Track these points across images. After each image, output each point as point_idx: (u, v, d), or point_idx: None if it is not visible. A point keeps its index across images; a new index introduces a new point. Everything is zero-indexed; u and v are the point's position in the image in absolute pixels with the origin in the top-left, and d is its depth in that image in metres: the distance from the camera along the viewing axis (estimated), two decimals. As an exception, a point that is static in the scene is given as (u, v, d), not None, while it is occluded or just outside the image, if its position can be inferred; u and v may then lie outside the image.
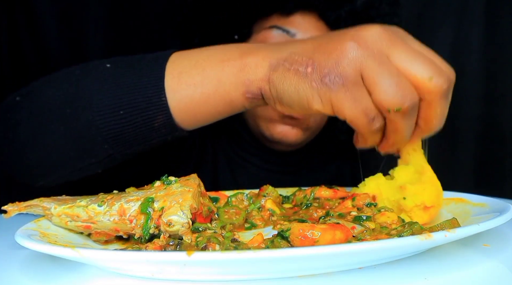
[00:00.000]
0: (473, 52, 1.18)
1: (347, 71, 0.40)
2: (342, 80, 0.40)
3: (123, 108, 0.48)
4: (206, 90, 0.48)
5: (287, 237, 0.35)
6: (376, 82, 0.40)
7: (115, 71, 0.51)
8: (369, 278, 0.32)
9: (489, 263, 0.35)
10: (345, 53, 0.41)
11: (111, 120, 0.49)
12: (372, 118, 0.41)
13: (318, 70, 0.41)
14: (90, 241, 0.41)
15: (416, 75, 0.40)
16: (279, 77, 0.44)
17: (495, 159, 1.20)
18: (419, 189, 0.45)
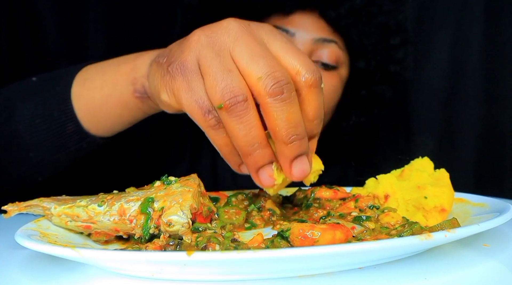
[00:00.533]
0: (473, 52, 1.18)
1: (186, 59, 0.39)
2: (182, 67, 0.39)
3: (39, 117, 0.53)
4: (105, 92, 0.51)
5: (287, 237, 0.35)
6: (206, 74, 0.38)
7: (37, 83, 0.56)
8: (369, 278, 0.32)
9: (489, 263, 0.35)
10: (190, 42, 0.40)
11: (31, 129, 0.53)
12: (207, 110, 0.38)
13: (168, 59, 0.41)
14: (90, 241, 0.41)
15: (249, 74, 0.37)
16: (151, 72, 0.45)
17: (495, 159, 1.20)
18: (438, 191, 0.45)
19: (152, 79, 0.43)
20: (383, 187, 0.48)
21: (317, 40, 0.70)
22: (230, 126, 0.37)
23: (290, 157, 0.38)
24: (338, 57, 0.72)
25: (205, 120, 0.38)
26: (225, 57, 0.38)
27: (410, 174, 0.49)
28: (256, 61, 0.37)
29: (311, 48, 0.71)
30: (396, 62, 0.78)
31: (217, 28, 0.40)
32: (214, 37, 0.39)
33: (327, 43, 0.71)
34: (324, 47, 0.71)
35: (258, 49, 0.38)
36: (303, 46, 0.70)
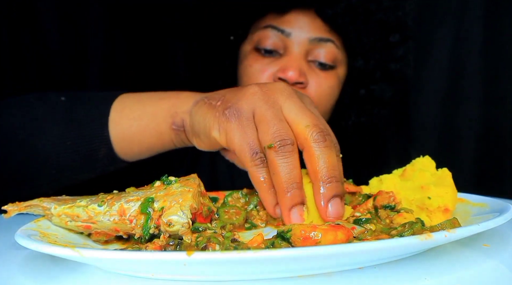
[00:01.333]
0: (473, 52, 1.18)
1: (243, 107, 0.46)
2: (238, 113, 0.46)
3: (70, 139, 0.55)
4: (143, 122, 0.55)
5: (288, 238, 0.34)
6: (261, 121, 0.44)
7: (67, 105, 0.57)
8: (369, 278, 0.32)
9: (489, 263, 0.35)
10: (247, 93, 0.46)
11: (59, 148, 0.55)
12: (255, 151, 0.44)
13: (224, 103, 0.47)
14: (90, 241, 0.41)
15: (298, 123, 0.44)
16: (196, 109, 0.51)
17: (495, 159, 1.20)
18: (442, 191, 0.45)
19: (201, 117, 0.49)
20: (386, 187, 0.48)
21: (313, 39, 0.70)
22: (275, 164, 0.42)
23: (327, 197, 0.42)
24: (335, 56, 0.72)
25: (252, 159, 0.44)
26: (277, 109, 0.45)
27: (412, 173, 0.48)
28: (304, 114, 0.44)
29: (308, 47, 0.70)
30: (396, 60, 0.77)
31: (272, 86, 0.47)
32: (269, 93, 0.46)
33: (323, 42, 0.70)
34: (320, 46, 0.70)
35: (304, 107, 0.45)
36: (299, 46, 0.70)
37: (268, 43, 0.70)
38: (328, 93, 0.72)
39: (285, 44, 0.70)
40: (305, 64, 0.70)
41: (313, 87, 0.70)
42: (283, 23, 0.70)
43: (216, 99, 0.49)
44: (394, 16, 0.74)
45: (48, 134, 0.55)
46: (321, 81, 0.70)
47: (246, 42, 0.74)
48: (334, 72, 0.72)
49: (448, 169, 0.48)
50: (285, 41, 0.70)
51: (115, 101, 0.57)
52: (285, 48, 0.70)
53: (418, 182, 0.47)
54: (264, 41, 0.70)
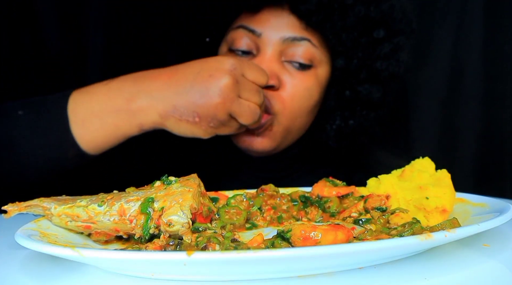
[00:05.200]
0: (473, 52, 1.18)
1: (221, 117, 0.58)
2: (220, 122, 0.59)
3: (40, 148, 0.59)
4: (107, 132, 0.60)
5: (288, 238, 0.34)
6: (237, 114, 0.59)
7: (27, 118, 0.60)
8: (369, 278, 0.32)
9: (489, 263, 0.35)
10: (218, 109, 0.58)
11: (32, 158, 0.59)
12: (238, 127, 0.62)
13: (204, 120, 0.58)
14: (90, 241, 0.41)
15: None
16: (172, 124, 0.59)
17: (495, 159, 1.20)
18: (440, 192, 0.45)
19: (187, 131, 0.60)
20: (384, 187, 0.48)
21: (287, 39, 0.67)
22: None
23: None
24: (312, 55, 0.68)
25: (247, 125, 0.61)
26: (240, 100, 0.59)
27: (411, 174, 0.48)
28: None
29: (281, 48, 0.67)
30: (382, 58, 0.72)
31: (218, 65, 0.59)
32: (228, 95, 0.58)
33: (297, 41, 0.67)
34: (295, 45, 0.67)
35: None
36: (271, 46, 0.67)
37: (241, 43, 0.69)
38: (304, 95, 0.68)
39: (257, 45, 0.68)
40: (278, 65, 0.67)
41: (288, 88, 0.67)
42: (254, 23, 0.68)
43: (191, 116, 0.58)
44: (377, 10, 0.69)
45: (19, 147, 0.59)
46: (296, 82, 0.68)
47: (223, 43, 0.73)
48: (311, 72, 0.69)
49: (447, 170, 0.48)
50: (256, 41, 0.68)
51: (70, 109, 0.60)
52: (257, 48, 0.69)
53: (417, 182, 0.47)
54: (237, 42, 0.69)
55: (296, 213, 0.49)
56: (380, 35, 0.70)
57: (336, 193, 0.49)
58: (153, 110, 0.58)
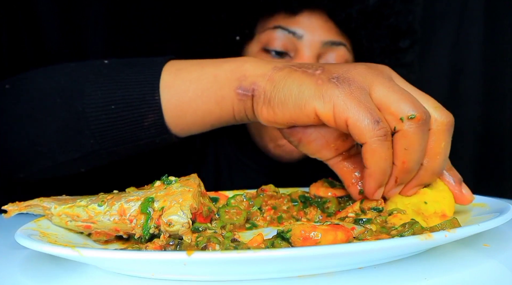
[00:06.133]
0: (473, 52, 1.18)
1: (356, 78, 0.40)
2: (349, 82, 0.39)
3: (115, 103, 0.48)
4: (201, 85, 0.47)
5: (288, 238, 0.34)
6: (388, 95, 0.39)
7: (112, 67, 0.51)
8: (369, 278, 0.32)
9: (489, 263, 0.35)
10: (357, 67, 0.41)
11: (101, 113, 0.48)
12: (377, 120, 0.37)
13: (326, 72, 0.41)
14: (90, 241, 0.41)
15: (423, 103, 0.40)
16: (282, 75, 0.43)
17: (495, 159, 1.20)
18: (439, 196, 0.44)
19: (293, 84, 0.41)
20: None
21: (326, 43, 0.68)
22: (414, 138, 0.38)
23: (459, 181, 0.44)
24: (346, 60, 0.69)
25: (373, 129, 0.37)
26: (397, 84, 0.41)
27: None
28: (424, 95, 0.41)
29: (320, 51, 0.68)
30: (404, 65, 0.75)
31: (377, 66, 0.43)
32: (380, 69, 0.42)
33: (336, 46, 0.68)
34: (332, 49, 0.68)
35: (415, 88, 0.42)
36: (311, 49, 0.67)
37: (278, 44, 0.68)
38: None
39: (295, 47, 0.68)
40: None
41: None
42: (293, 24, 0.67)
43: (313, 68, 0.42)
44: (405, 21, 0.72)
45: (89, 97, 0.48)
46: None
47: (253, 42, 0.71)
48: None
49: None
50: (295, 43, 0.67)
51: (168, 64, 0.50)
52: (295, 50, 0.68)
53: None
54: (274, 42, 0.68)
55: (296, 213, 0.49)
56: (406, 44, 0.73)
57: (332, 194, 0.49)
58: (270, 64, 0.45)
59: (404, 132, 0.38)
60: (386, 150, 0.38)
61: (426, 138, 0.39)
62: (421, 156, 0.40)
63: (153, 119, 0.48)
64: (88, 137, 0.48)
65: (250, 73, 0.45)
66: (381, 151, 0.38)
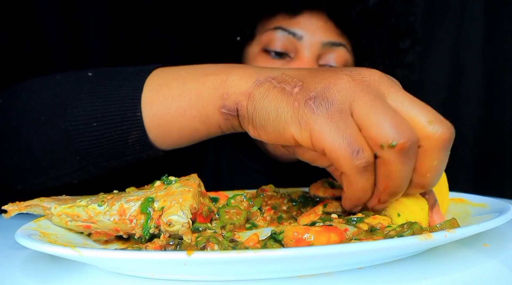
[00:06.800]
0: (473, 52, 1.18)
1: (335, 97, 0.36)
2: (327, 104, 0.36)
3: (96, 120, 0.47)
4: (184, 103, 0.45)
5: (280, 240, 0.34)
6: (369, 116, 0.35)
7: (94, 80, 0.49)
8: (369, 278, 0.32)
9: (489, 263, 0.35)
10: (338, 81, 0.37)
11: (84, 131, 0.47)
12: (356, 150, 0.34)
13: (304, 91, 0.37)
14: (90, 241, 0.41)
15: (415, 117, 0.35)
16: (261, 93, 0.40)
17: (495, 159, 1.20)
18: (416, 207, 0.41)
19: (271, 105, 0.39)
20: None
21: (326, 43, 0.68)
22: (395, 166, 0.35)
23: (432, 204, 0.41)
24: (346, 61, 0.69)
25: (352, 160, 0.34)
26: (384, 101, 0.36)
27: None
28: (419, 107, 0.36)
29: (320, 51, 0.68)
30: (405, 66, 0.75)
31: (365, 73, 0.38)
32: (366, 81, 0.37)
33: (335, 46, 0.68)
34: (332, 50, 0.68)
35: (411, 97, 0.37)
36: (312, 50, 0.67)
37: (278, 45, 0.68)
38: None
39: (295, 47, 0.68)
40: None
41: None
42: (294, 25, 0.68)
43: (291, 83, 0.39)
44: (406, 21, 0.72)
45: (71, 114, 0.47)
46: None
47: (253, 43, 0.71)
48: None
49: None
50: (295, 44, 0.68)
51: (151, 76, 0.48)
52: (295, 51, 0.68)
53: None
54: (274, 43, 0.68)
55: (296, 213, 0.49)
56: (406, 45, 0.72)
57: (330, 194, 0.49)
58: (252, 77, 0.42)
59: (384, 160, 0.35)
60: (365, 182, 0.36)
61: (412, 165, 0.36)
62: (406, 181, 0.36)
63: (137, 136, 0.47)
64: (74, 154, 0.48)
65: (232, 90, 0.43)
66: (359, 182, 0.36)
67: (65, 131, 0.47)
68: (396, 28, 0.71)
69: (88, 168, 0.49)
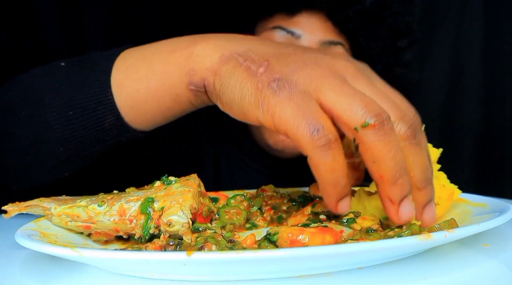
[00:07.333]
0: (473, 52, 1.18)
1: (299, 81, 0.35)
2: (290, 87, 0.35)
3: (72, 109, 0.47)
4: (152, 84, 0.45)
5: (274, 241, 0.34)
6: (337, 101, 0.34)
7: (68, 69, 0.50)
8: (369, 278, 0.32)
9: (489, 263, 0.35)
10: (304, 67, 0.36)
11: (62, 121, 0.47)
12: (316, 128, 0.33)
13: (269, 72, 0.36)
14: (90, 241, 0.41)
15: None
16: (227, 70, 0.39)
17: (495, 159, 1.20)
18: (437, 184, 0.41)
19: (236, 85, 0.38)
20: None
21: (324, 42, 0.68)
22: (378, 148, 0.33)
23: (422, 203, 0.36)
24: None
25: (312, 139, 0.33)
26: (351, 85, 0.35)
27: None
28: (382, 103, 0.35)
29: None
30: (403, 65, 0.75)
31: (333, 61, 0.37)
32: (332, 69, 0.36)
33: (333, 45, 0.69)
34: (330, 49, 0.68)
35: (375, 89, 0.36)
36: None
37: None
38: None
39: None
40: None
41: None
42: (292, 24, 0.68)
43: (257, 63, 0.38)
44: (404, 21, 0.72)
45: (49, 106, 0.48)
46: None
47: None
48: None
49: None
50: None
51: (119, 57, 0.48)
52: None
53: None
54: None
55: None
56: (404, 44, 0.73)
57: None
58: (217, 51, 0.41)
59: (364, 144, 0.34)
60: (331, 161, 0.34)
61: (395, 140, 0.34)
62: (399, 162, 0.34)
63: (112, 120, 0.47)
64: (57, 146, 0.48)
65: (198, 66, 0.42)
66: (325, 162, 0.34)
67: (45, 122, 0.48)
68: (394, 27, 0.72)
69: (73, 158, 0.50)
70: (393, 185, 0.34)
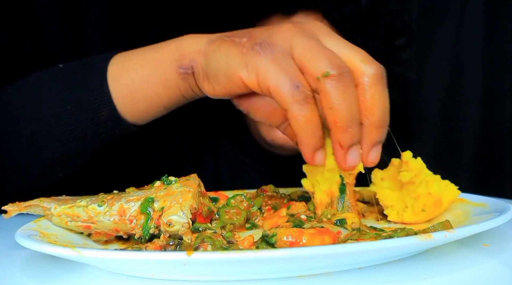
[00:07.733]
0: (473, 51, 1.18)
1: (277, 41, 0.40)
2: (271, 48, 0.39)
3: (70, 103, 0.50)
4: (146, 72, 0.49)
5: (273, 243, 0.34)
6: (306, 55, 0.38)
7: (66, 69, 0.53)
8: (369, 278, 0.32)
9: (489, 263, 0.35)
10: (280, 28, 0.41)
11: (61, 115, 0.50)
12: (296, 84, 0.38)
13: (251, 39, 0.41)
14: (90, 241, 0.41)
15: (349, 57, 0.39)
16: (213, 48, 0.44)
17: (495, 159, 1.20)
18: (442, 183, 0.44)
19: (222, 55, 0.43)
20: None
21: None
22: (335, 95, 0.37)
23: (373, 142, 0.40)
24: None
25: (293, 94, 0.38)
26: (319, 42, 0.39)
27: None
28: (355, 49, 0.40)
29: None
30: (401, 64, 0.75)
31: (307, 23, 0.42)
32: (306, 28, 0.41)
33: None
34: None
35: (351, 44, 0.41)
36: None
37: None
38: None
39: None
40: None
41: None
42: None
43: (240, 36, 0.43)
44: (401, 20, 0.73)
45: (48, 103, 0.51)
46: None
47: None
48: None
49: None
50: None
51: (114, 57, 0.52)
52: None
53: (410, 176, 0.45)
54: None
55: None
56: (401, 43, 0.73)
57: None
58: (205, 37, 0.46)
59: (324, 92, 0.37)
60: (309, 113, 0.38)
61: (352, 93, 0.38)
62: (353, 112, 0.38)
63: (107, 112, 0.50)
64: (54, 141, 0.51)
65: (188, 51, 0.47)
66: (303, 114, 0.38)
67: (43, 118, 0.50)
68: (390, 26, 0.72)
69: (68, 154, 0.52)
70: (344, 131, 0.38)
